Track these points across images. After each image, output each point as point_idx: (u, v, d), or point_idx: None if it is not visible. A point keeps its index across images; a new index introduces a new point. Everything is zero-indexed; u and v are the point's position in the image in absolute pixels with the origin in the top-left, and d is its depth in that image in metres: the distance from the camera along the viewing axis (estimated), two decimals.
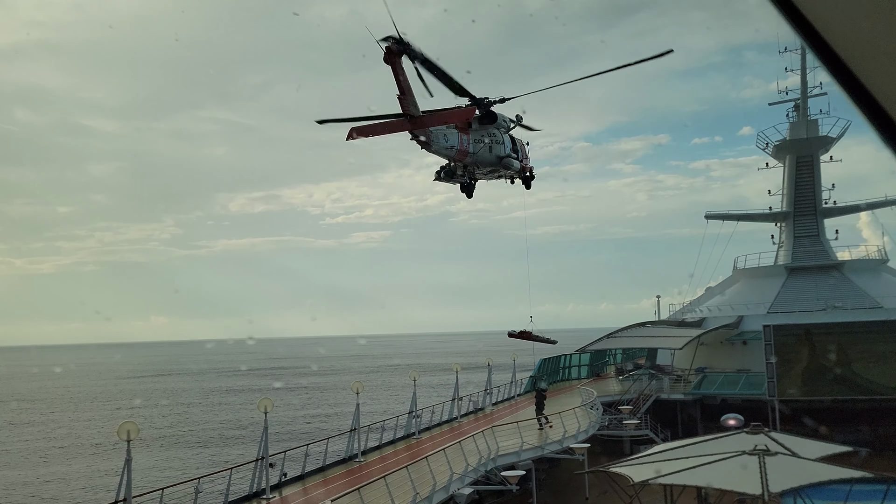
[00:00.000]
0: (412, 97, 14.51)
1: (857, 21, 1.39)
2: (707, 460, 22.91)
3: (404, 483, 23.96)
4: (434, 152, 16.65)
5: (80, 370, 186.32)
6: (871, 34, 1.37)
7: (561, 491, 36.64)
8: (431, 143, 16.21)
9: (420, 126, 15.45)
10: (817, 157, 60.10)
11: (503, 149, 18.09)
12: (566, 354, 60.63)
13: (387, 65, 13.75)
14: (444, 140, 16.46)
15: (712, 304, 60.09)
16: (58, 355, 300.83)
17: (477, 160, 17.63)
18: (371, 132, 14.84)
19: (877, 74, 1.41)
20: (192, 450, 66.18)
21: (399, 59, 13.70)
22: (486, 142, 17.64)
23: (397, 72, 13.94)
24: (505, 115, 17.92)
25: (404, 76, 14.06)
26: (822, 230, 59.91)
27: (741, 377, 49.03)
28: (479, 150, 17.49)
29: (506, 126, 18.15)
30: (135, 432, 20.17)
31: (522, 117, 18.14)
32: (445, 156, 17.16)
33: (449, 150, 16.77)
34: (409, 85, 14.27)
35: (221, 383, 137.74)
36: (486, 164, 18.00)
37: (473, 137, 17.33)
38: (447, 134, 16.55)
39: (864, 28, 1.38)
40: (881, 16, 1.32)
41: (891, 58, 1.35)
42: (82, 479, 55.59)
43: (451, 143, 16.69)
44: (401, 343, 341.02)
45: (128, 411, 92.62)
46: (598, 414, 40.24)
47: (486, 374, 47.60)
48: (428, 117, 15.54)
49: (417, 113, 14.98)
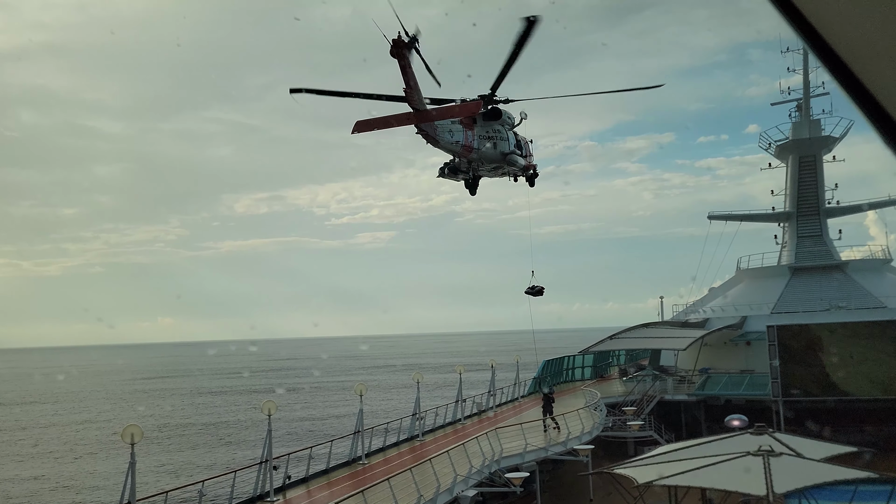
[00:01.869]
0: (418, 91, 14.48)
1: (857, 21, 1.38)
2: (711, 461, 22.87)
3: (408, 485, 23.95)
4: (439, 147, 16.67)
5: (81, 374, 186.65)
6: (870, 34, 1.37)
7: (565, 493, 36.59)
8: (437, 138, 16.22)
9: (426, 120, 15.42)
10: (820, 157, 59.99)
11: (507, 145, 18.11)
12: (570, 356, 60.60)
13: (393, 58, 13.71)
14: (449, 135, 16.48)
15: (716, 305, 59.97)
16: (61, 357, 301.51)
17: (481, 156, 17.65)
18: (377, 125, 14.80)
19: (877, 74, 1.41)
20: (196, 451, 66.25)
21: (406, 53, 13.66)
22: (491, 138, 17.67)
23: (404, 65, 13.90)
24: (510, 112, 17.93)
25: (411, 69, 14.02)
26: (825, 230, 59.77)
27: (745, 378, 48.93)
28: (484, 146, 17.52)
29: (510, 123, 18.17)
30: (139, 435, 20.15)
31: (527, 115, 18.17)
32: (450, 151, 17.18)
33: (454, 145, 16.80)
34: (416, 79, 14.24)
35: (224, 386, 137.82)
36: (490, 160, 18.02)
37: (478, 133, 17.36)
38: (452, 129, 16.57)
39: (864, 28, 1.38)
40: (880, 15, 1.31)
41: (890, 57, 1.35)
42: (86, 480, 55.69)
43: (456, 139, 16.70)
44: (405, 344, 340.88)
45: (132, 412, 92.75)
46: (601, 415, 40.18)
47: (489, 375, 47.58)
48: (434, 111, 15.53)
49: (423, 107, 14.97)
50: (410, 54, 13.66)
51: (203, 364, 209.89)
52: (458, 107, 16.16)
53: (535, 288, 23.53)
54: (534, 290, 23.52)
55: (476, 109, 16.62)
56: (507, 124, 18.06)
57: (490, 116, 17.32)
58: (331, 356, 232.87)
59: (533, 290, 23.53)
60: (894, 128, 1.41)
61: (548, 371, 55.89)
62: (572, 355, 60.51)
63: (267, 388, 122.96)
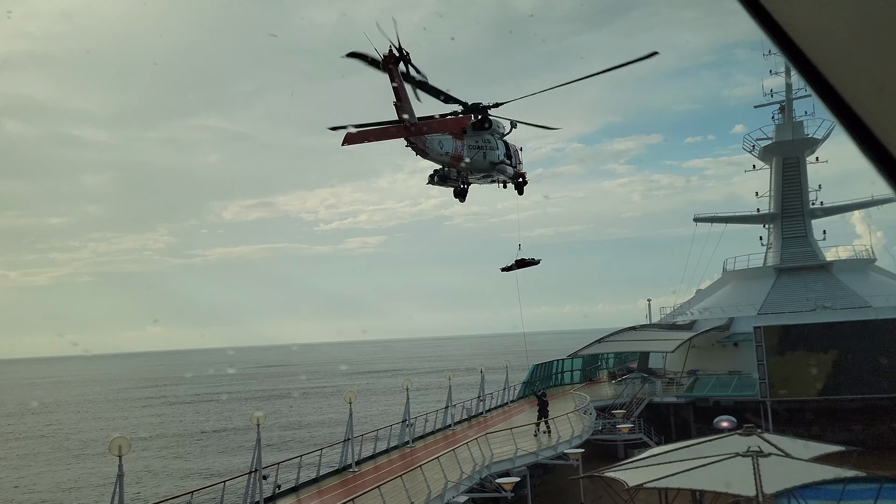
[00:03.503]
0: (409, 104, 14.53)
1: (828, 26, 1.40)
2: (701, 463, 22.95)
3: (399, 492, 23.88)
4: (429, 159, 16.67)
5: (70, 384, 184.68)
6: (842, 40, 1.38)
7: (556, 497, 36.58)
8: (427, 150, 16.23)
9: (416, 133, 15.46)
10: (803, 158, 60.54)
11: (497, 154, 18.12)
12: (559, 360, 60.66)
13: (384, 72, 13.75)
14: (439, 146, 16.48)
15: (703, 307, 60.30)
16: (51, 368, 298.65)
17: (471, 166, 17.64)
18: (367, 138, 14.83)
19: (849, 80, 1.42)
20: (187, 461, 65.74)
21: (396, 68, 13.71)
22: (481, 147, 17.68)
23: (394, 79, 13.95)
24: (500, 121, 17.96)
25: (401, 84, 14.07)
26: (809, 231, 60.30)
27: (733, 379, 49.18)
28: (474, 155, 17.51)
29: (500, 132, 18.20)
30: (126, 447, 19.98)
31: (517, 123, 18.19)
32: (440, 162, 17.16)
33: (444, 156, 16.79)
34: (406, 92, 14.28)
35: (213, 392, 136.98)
36: (480, 169, 18.01)
37: (468, 143, 17.36)
38: (442, 140, 16.56)
39: (836, 33, 1.39)
40: (852, 20, 1.33)
41: (861, 63, 1.36)
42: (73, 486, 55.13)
43: (445, 150, 16.70)
44: (397, 348, 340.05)
45: (118, 422, 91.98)
46: (591, 419, 40.24)
47: (478, 380, 47.53)
48: (424, 124, 15.54)
49: (414, 120, 14.99)
50: (399, 69, 13.73)
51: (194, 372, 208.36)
52: (449, 120, 16.21)
53: (525, 260, 21.24)
54: (524, 262, 21.20)
55: (466, 123, 16.68)
56: (497, 133, 18.09)
57: (480, 126, 17.35)
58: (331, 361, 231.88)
59: (524, 262, 21.18)
60: (868, 133, 1.42)
61: (537, 375, 55.95)
62: (561, 359, 60.60)
63: (255, 394, 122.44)
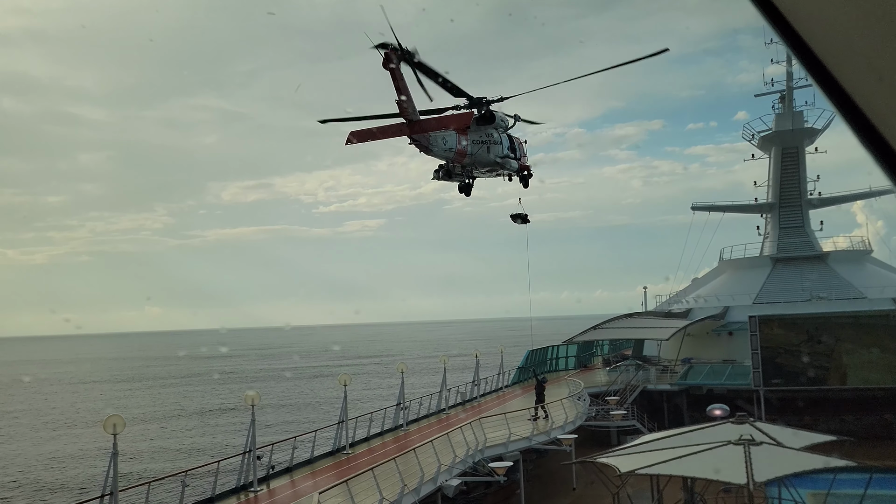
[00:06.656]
0: (411, 102, 14.37)
1: (832, 17, 1.37)
2: (693, 450, 23.07)
3: (392, 475, 23.98)
4: (432, 155, 16.48)
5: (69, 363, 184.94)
6: (845, 31, 1.35)
7: (548, 482, 36.82)
8: (431, 147, 16.05)
9: (419, 131, 15.30)
10: (802, 148, 60.44)
11: (501, 149, 17.91)
12: (553, 346, 60.86)
13: (386, 70, 13.59)
14: (442, 143, 16.27)
15: (698, 295, 60.41)
16: (38, 349, 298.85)
17: (475, 160, 17.45)
18: (370, 137, 14.69)
19: (851, 71, 1.40)
20: (180, 439, 66.04)
21: (398, 65, 13.57)
22: (485, 142, 17.46)
23: (396, 77, 13.81)
24: (503, 115, 17.76)
25: (403, 81, 13.94)
26: (807, 221, 60.31)
27: (727, 368, 49.37)
28: (478, 150, 17.29)
29: (504, 125, 17.99)
30: (121, 426, 20.02)
31: (520, 116, 18.00)
32: (444, 158, 16.95)
33: (448, 152, 16.59)
34: (409, 89, 14.14)
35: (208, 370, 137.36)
36: (484, 164, 17.77)
37: (472, 138, 17.13)
38: (445, 136, 16.35)
39: (839, 24, 1.36)
40: (853, 11, 1.30)
41: (865, 55, 1.34)
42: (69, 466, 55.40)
43: (449, 146, 16.49)
44: (394, 332, 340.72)
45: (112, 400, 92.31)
46: (585, 405, 40.41)
47: (473, 364, 47.69)
48: (427, 122, 15.37)
49: (416, 117, 14.85)
50: (401, 66, 13.57)
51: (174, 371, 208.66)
52: (452, 117, 16.04)
53: (521, 215, 21.42)
54: (521, 217, 21.40)
55: (469, 120, 16.48)
56: (501, 127, 17.89)
57: (483, 121, 17.16)
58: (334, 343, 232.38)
59: (520, 217, 21.39)
60: (868, 124, 1.40)
61: (532, 361, 56.14)
62: (556, 345, 60.77)
63: (253, 375, 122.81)
